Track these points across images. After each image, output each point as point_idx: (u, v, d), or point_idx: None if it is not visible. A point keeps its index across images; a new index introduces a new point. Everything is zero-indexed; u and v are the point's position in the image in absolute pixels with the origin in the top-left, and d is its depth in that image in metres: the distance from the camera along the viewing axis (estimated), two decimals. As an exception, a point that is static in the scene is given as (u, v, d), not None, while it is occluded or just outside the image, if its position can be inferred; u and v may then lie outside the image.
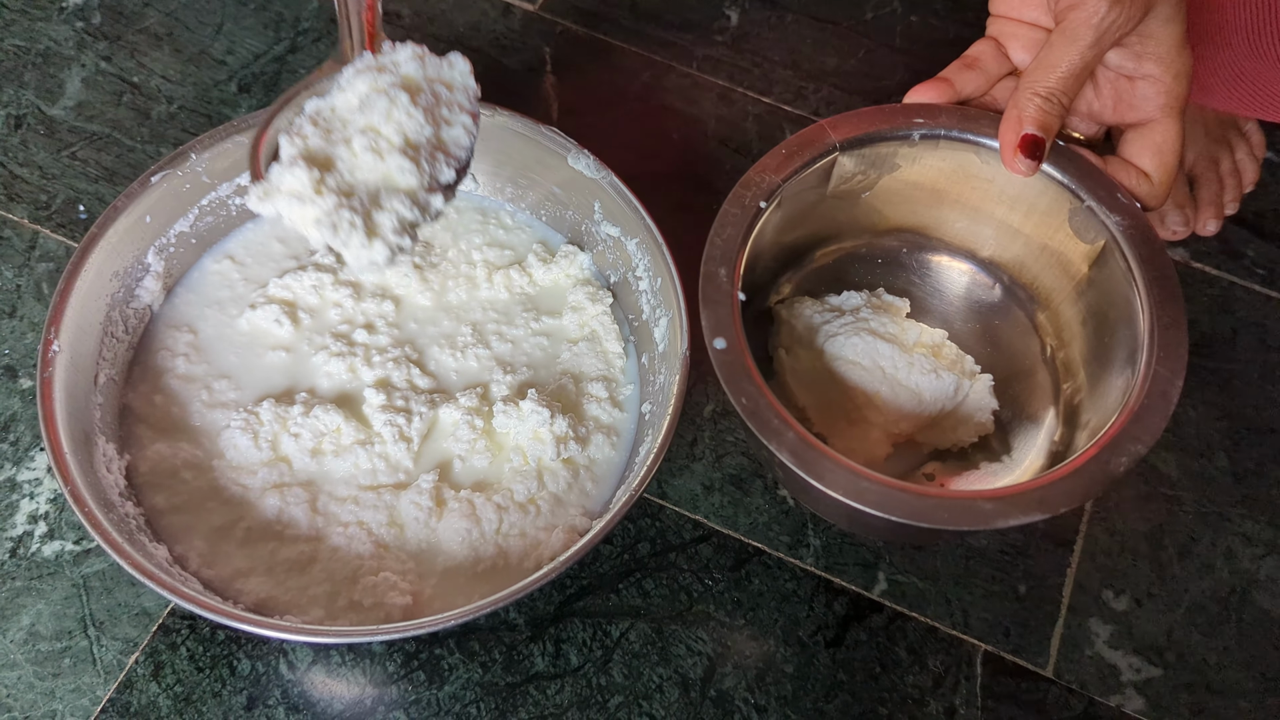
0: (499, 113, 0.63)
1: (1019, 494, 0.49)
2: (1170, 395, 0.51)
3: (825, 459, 0.49)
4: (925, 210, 0.64)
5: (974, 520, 0.48)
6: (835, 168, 0.59)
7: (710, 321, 0.52)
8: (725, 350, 0.51)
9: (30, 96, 0.74)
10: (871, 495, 0.48)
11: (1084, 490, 0.49)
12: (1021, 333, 0.64)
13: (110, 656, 0.55)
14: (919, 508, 0.48)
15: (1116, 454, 0.50)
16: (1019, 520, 0.48)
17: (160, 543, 0.54)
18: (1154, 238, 0.55)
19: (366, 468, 0.57)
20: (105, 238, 0.57)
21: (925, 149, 0.59)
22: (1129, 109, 0.56)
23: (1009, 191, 0.60)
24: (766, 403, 0.50)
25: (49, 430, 0.51)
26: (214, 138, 0.60)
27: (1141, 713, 0.58)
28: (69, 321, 0.54)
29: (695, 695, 0.57)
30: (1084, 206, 0.57)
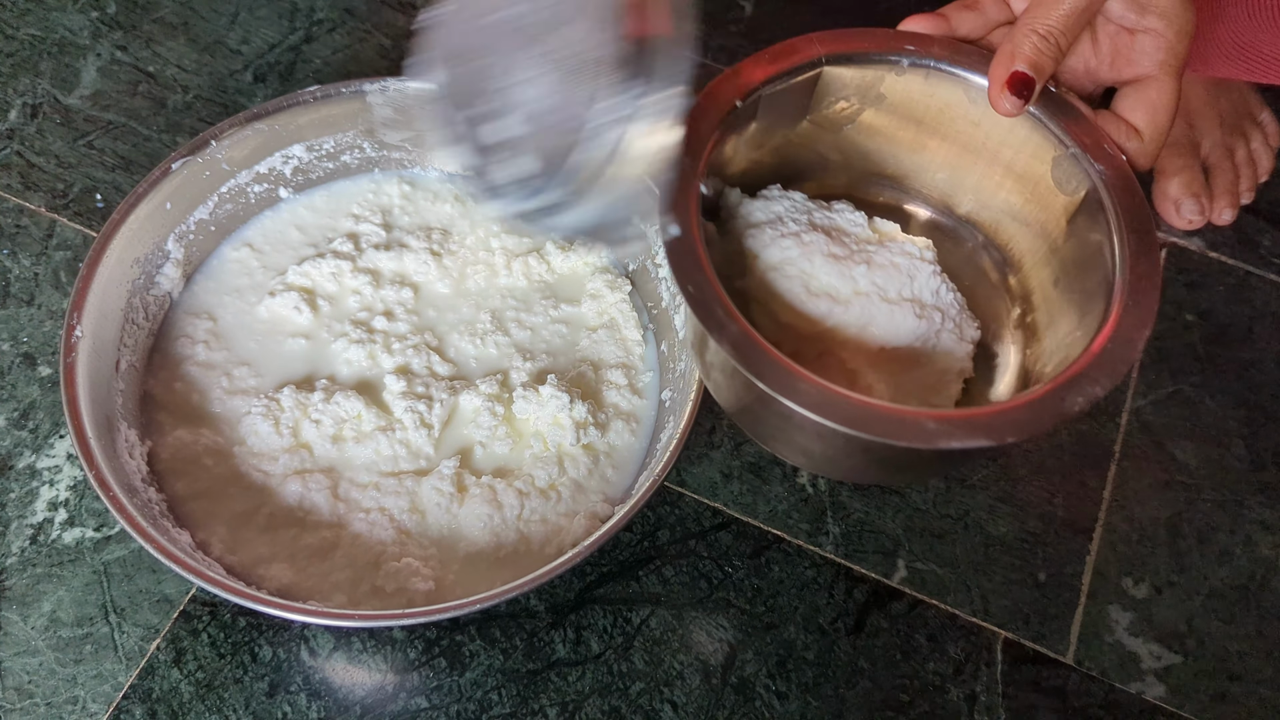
0: None
1: (967, 418, 0.47)
2: (1135, 342, 0.49)
3: (766, 355, 0.47)
4: (907, 156, 0.62)
5: (915, 437, 0.45)
6: (818, 87, 0.57)
7: (667, 209, 0.50)
8: (679, 238, 0.49)
9: (46, 86, 0.74)
10: (810, 397, 0.46)
11: (1033, 422, 0.47)
12: (992, 295, 0.62)
13: (132, 643, 0.55)
14: (857, 415, 0.46)
15: (1073, 393, 0.48)
16: (962, 443, 0.46)
17: (183, 529, 0.54)
18: (1136, 190, 0.54)
19: (388, 454, 0.57)
20: (126, 224, 0.57)
21: (913, 79, 0.57)
22: (1126, 64, 0.55)
23: (994, 136, 0.59)
24: (714, 293, 0.48)
25: (72, 416, 0.51)
26: (233, 124, 0.60)
27: (1162, 700, 0.58)
28: (91, 308, 0.54)
29: (716, 682, 0.57)
30: (1068, 154, 0.55)
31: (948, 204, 0.64)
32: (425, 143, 0.66)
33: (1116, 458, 0.65)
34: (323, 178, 0.66)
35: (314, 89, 0.61)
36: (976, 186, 0.62)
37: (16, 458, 0.60)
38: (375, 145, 0.66)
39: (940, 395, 0.57)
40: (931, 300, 0.57)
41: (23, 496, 0.59)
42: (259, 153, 0.62)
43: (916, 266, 0.57)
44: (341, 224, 0.65)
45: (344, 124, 0.64)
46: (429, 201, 0.67)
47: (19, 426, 0.61)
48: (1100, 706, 0.57)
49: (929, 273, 0.57)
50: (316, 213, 0.66)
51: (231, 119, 0.60)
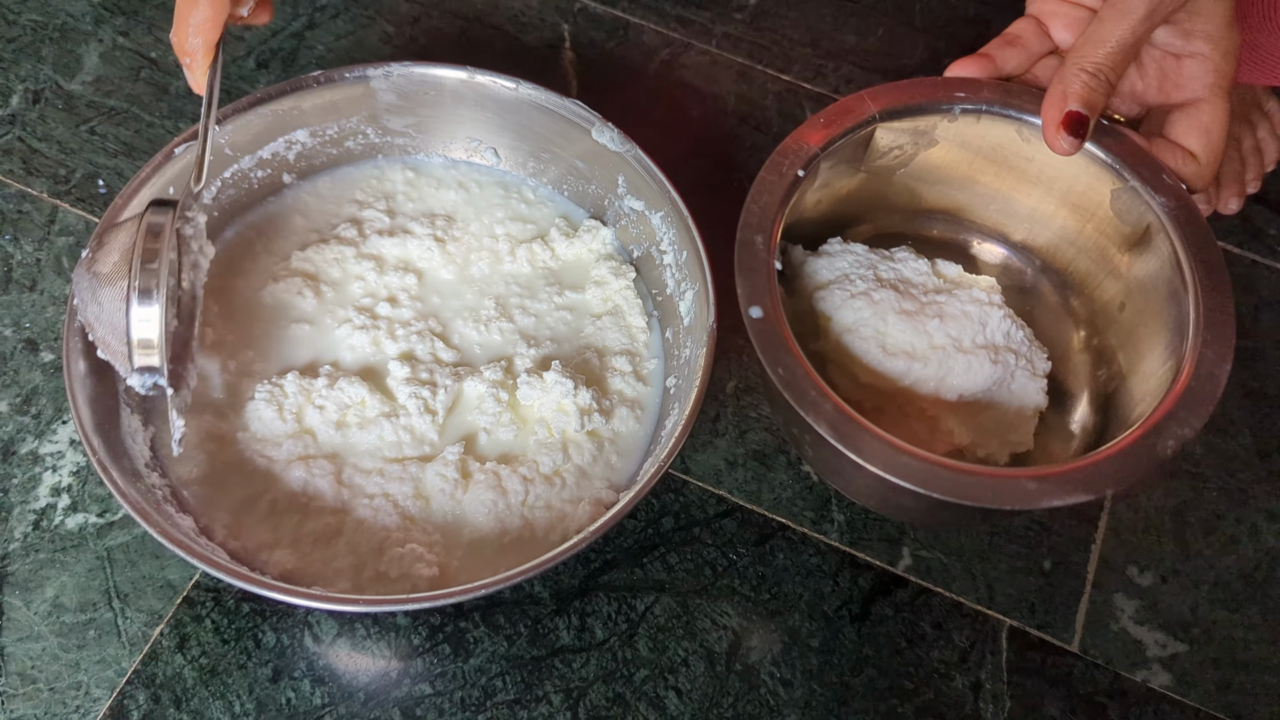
0: (522, 85, 0.62)
1: (1064, 474, 0.48)
2: (1218, 379, 0.50)
3: (864, 432, 0.48)
4: (959, 191, 0.63)
5: (1018, 499, 0.47)
6: (873, 140, 0.58)
7: (746, 290, 0.51)
8: (762, 319, 0.50)
9: (48, 71, 0.73)
10: (912, 471, 0.47)
11: (1129, 472, 0.48)
12: (1055, 318, 0.63)
13: (135, 629, 0.55)
14: (961, 485, 0.47)
15: (1163, 437, 0.49)
16: (1063, 501, 0.47)
17: (186, 514, 0.54)
18: (1201, 221, 0.54)
19: (391, 440, 0.57)
20: (129, 209, 0.56)
21: (965, 124, 0.58)
22: (1175, 88, 0.55)
23: (1048, 171, 0.59)
24: (804, 373, 0.49)
25: (75, 401, 0.51)
26: (236, 109, 0.60)
27: (1168, 688, 0.58)
28: None
29: (721, 669, 0.57)
30: (1128, 187, 0.56)
31: (1002, 232, 0.65)
32: (429, 128, 0.66)
33: (1122, 446, 0.65)
34: (326, 163, 0.65)
35: (317, 74, 0.61)
36: (1031, 214, 0.62)
37: (19, 443, 0.60)
38: (379, 131, 0.65)
39: (1018, 432, 0.58)
40: (1003, 342, 0.58)
41: (25, 482, 0.59)
42: (262, 138, 0.62)
43: (987, 313, 0.58)
44: (345, 210, 0.65)
45: (348, 109, 0.63)
46: (433, 188, 0.66)
47: (21, 412, 0.61)
48: (1105, 694, 0.57)
49: (999, 317, 0.58)
50: (320, 198, 0.65)
51: (235, 103, 0.60)
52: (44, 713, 0.53)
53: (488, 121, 0.65)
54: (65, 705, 0.53)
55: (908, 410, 0.57)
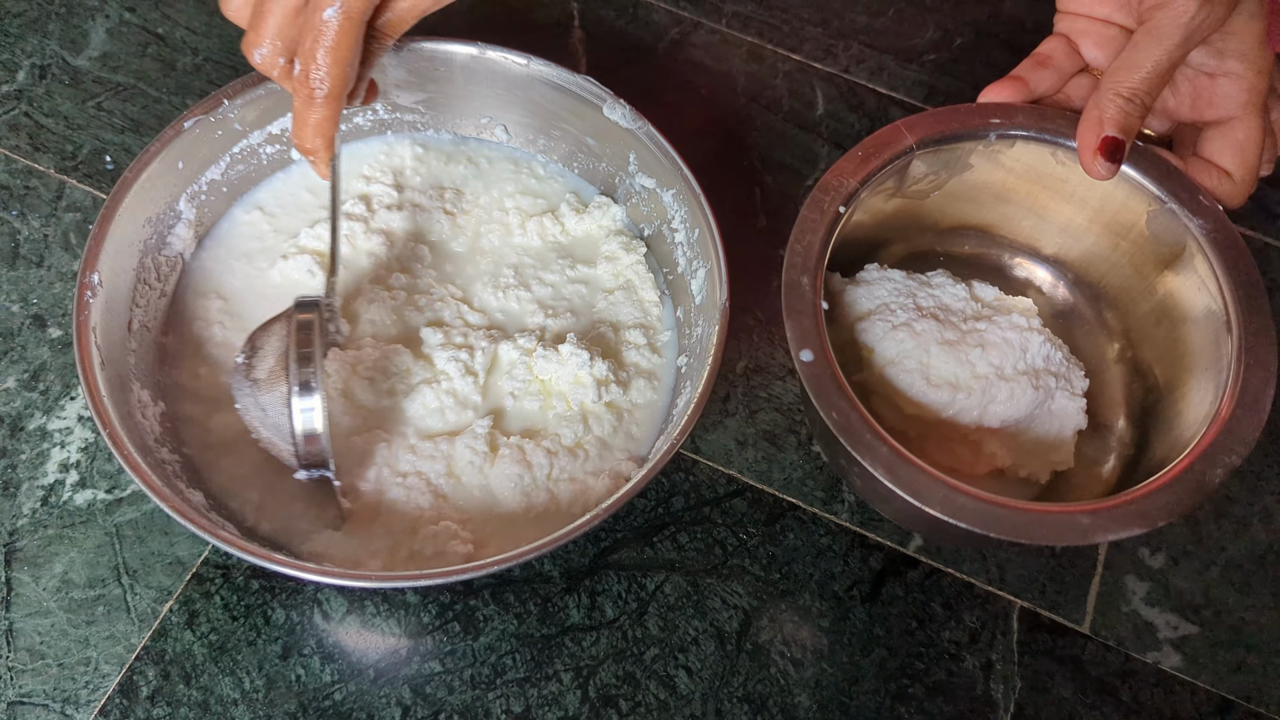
0: (533, 62, 0.62)
1: (1117, 507, 0.48)
2: (1263, 403, 0.50)
3: (921, 474, 0.48)
4: (991, 209, 0.63)
5: (1074, 536, 0.47)
6: (909, 169, 0.58)
7: (795, 332, 0.51)
8: (812, 363, 0.50)
9: (54, 46, 0.73)
10: (969, 512, 0.47)
11: (1182, 503, 0.48)
12: (1089, 331, 0.63)
13: (144, 605, 0.55)
14: (1018, 524, 0.47)
15: (1211, 465, 0.49)
16: (1118, 535, 0.47)
17: (196, 489, 0.54)
18: (1239, 243, 0.54)
19: (434, 406, 0.57)
20: (139, 183, 0.56)
21: (1000, 149, 0.58)
22: (1208, 107, 0.55)
23: (1081, 191, 0.59)
24: (858, 416, 0.49)
25: (86, 374, 0.51)
26: (246, 84, 0.59)
27: (1178, 669, 0.57)
28: (103, 266, 0.54)
29: (731, 648, 0.56)
30: (1165, 209, 0.56)
31: (1034, 247, 0.64)
32: (438, 104, 0.65)
33: (1133, 428, 0.64)
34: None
35: None
36: (1063, 230, 0.62)
37: (27, 419, 0.59)
38: (388, 107, 0.65)
39: (1059, 451, 0.58)
40: (1043, 365, 0.58)
41: (33, 458, 0.58)
42: (271, 113, 0.61)
43: (1027, 339, 0.58)
44: (353, 185, 0.65)
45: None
46: (441, 163, 0.66)
47: (29, 388, 0.60)
48: (1116, 676, 0.57)
49: (1039, 341, 0.58)
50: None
51: (244, 79, 0.59)
52: (53, 688, 0.53)
53: (498, 98, 0.65)
54: (74, 681, 0.53)
55: (951, 435, 0.57)
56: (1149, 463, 0.56)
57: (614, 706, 0.55)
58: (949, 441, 0.57)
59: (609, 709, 0.55)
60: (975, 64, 0.79)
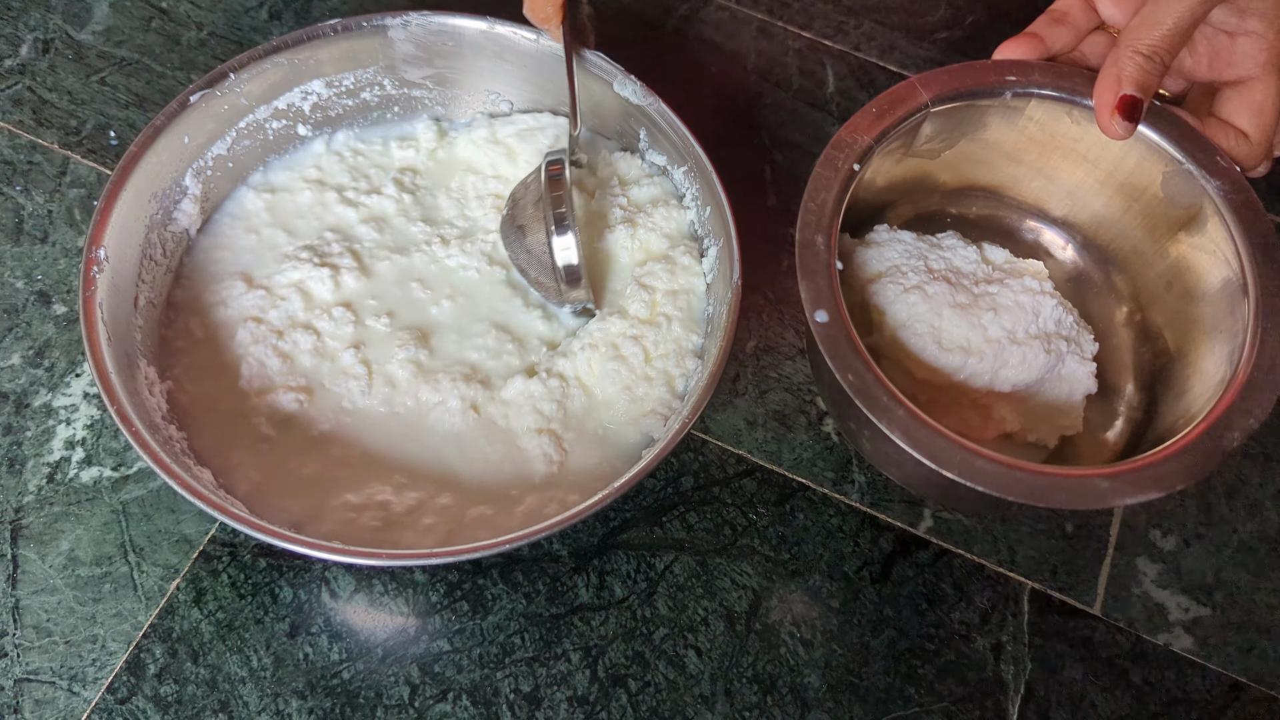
0: (543, 37, 0.61)
1: (1135, 471, 0.47)
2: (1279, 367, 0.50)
3: (939, 438, 0.48)
4: (1003, 167, 0.62)
5: (1092, 500, 0.47)
6: (922, 126, 0.57)
7: (810, 293, 0.50)
8: (828, 324, 0.50)
9: (58, 21, 0.72)
10: (987, 475, 0.47)
11: (1199, 467, 0.48)
12: (1097, 295, 0.62)
13: (151, 582, 0.55)
14: (1035, 487, 0.47)
15: (1228, 429, 0.48)
16: (1136, 499, 0.47)
17: (205, 466, 0.53)
18: (1257, 205, 0.53)
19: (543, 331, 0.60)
20: (145, 158, 0.56)
21: (1015, 107, 0.57)
22: (1227, 66, 0.54)
23: (1095, 151, 0.58)
24: (874, 378, 0.48)
25: (92, 350, 0.50)
26: (252, 58, 0.59)
27: (1189, 651, 0.57)
28: (109, 242, 0.53)
29: (741, 628, 0.56)
30: (1181, 169, 0.55)
31: (1043, 208, 0.64)
32: (447, 80, 0.65)
33: (1145, 409, 0.64)
34: (342, 115, 0.64)
35: (334, 22, 0.60)
36: (1073, 191, 0.61)
37: (32, 396, 0.59)
38: (396, 83, 0.64)
39: (1068, 416, 0.58)
40: (1055, 329, 0.57)
41: (39, 435, 0.58)
42: (278, 88, 0.61)
43: (1040, 302, 0.57)
44: (397, 156, 0.65)
45: (365, 59, 0.62)
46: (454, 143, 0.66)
47: (34, 365, 0.60)
48: (1127, 657, 0.57)
49: (1052, 305, 0.58)
50: (339, 156, 0.65)
51: (250, 51, 0.59)
52: (60, 665, 0.53)
53: (507, 74, 0.64)
54: (81, 658, 0.53)
55: (960, 400, 0.57)
56: (1158, 429, 0.56)
57: (623, 686, 0.54)
58: (958, 406, 0.57)
59: (618, 688, 0.54)
60: (987, 41, 0.77)
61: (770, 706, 0.55)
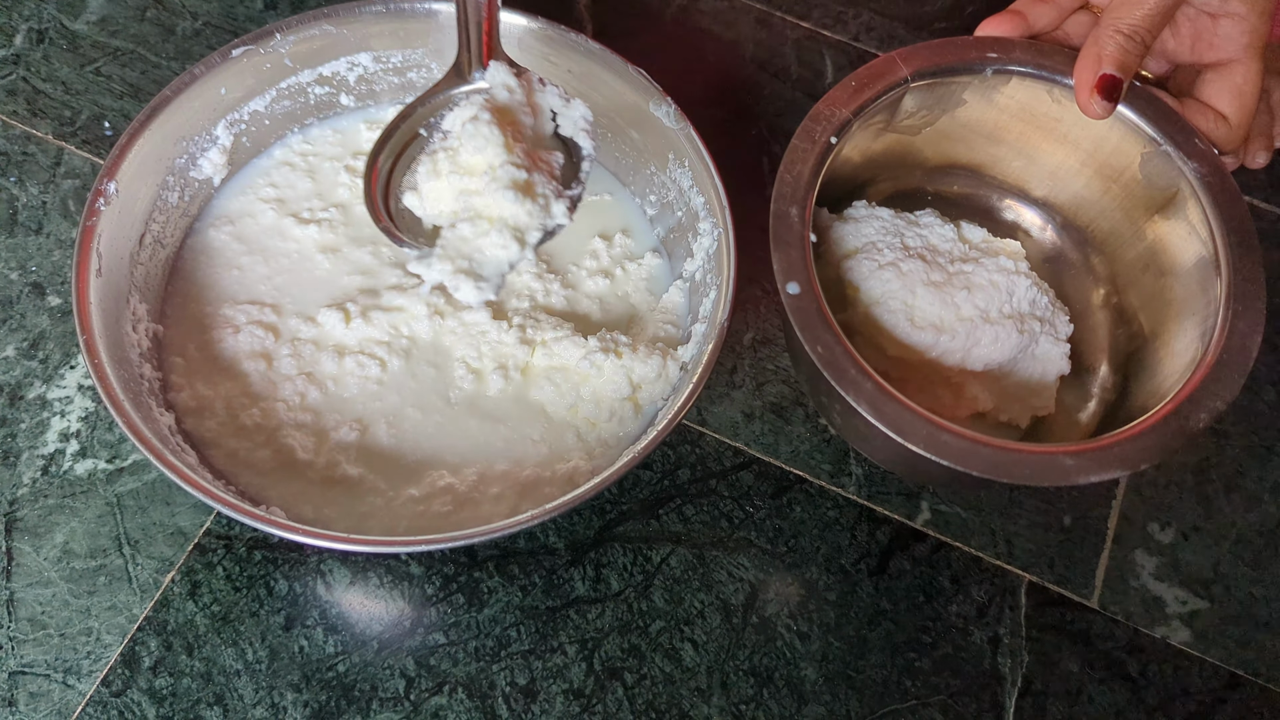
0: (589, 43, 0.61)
1: (1100, 449, 0.47)
2: (1249, 350, 0.49)
3: (905, 411, 0.47)
4: (983, 147, 0.62)
5: (1056, 476, 0.47)
6: (902, 102, 0.57)
7: (782, 265, 0.50)
8: (799, 295, 0.49)
9: (52, 10, 0.72)
10: (952, 449, 0.47)
11: (1164, 446, 0.48)
12: (1075, 276, 0.62)
13: (146, 575, 0.55)
14: (1000, 462, 0.47)
15: (1195, 409, 0.48)
16: (1101, 476, 0.47)
17: (206, 466, 0.53)
18: (1232, 187, 0.53)
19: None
20: (176, 101, 0.56)
21: (996, 84, 0.57)
22: (1208, 48, 0.54)
23: (1075, 131, 0.58)
24: (843, 351, 0.48)
25: (88, 342, 0.50)
26: (302, 21, 0.59)
27: (1187, 645, 0.57)
28: (124, 176, 0.54)
29: (737, 621, 0.56)
30: (1159, 150, 0.55)
31: (1023, 189, 0.63)
32: None
33: (1144, 402, 0.64)
34: (386, 91, 0.65)
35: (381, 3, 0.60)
36: (1054, 172, 0.61)
37: (26, 388, 0.59)
38: (444, 67, 0.64)
39: (1040, 397, 0.58)
40: (1029, 310, 0.57)
41: (33, 427, 0.58)
42: (324, 54, 0.61)
43: (1014, 282, 0.57)
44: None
45: (414, 41, 0.62)
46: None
47: (29, 357, 0.60)
48: (1124, 650, 0.57)
49: (1026, 285, 0.57)
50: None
51: (301, 15, 0.59)
52: (54, 658, 0.53)
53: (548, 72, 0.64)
54: (76, 651, 0.53)
55: (933, 378, 0.57)
56: (1129, 410, 0.56)
57: (619, 679, 0.54)
58: (930, 384, 0.56)
59: (614, 681, 0.54)
60: (987, 32, 0.77)
61: (767, 699, 0.54)
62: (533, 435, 0.56)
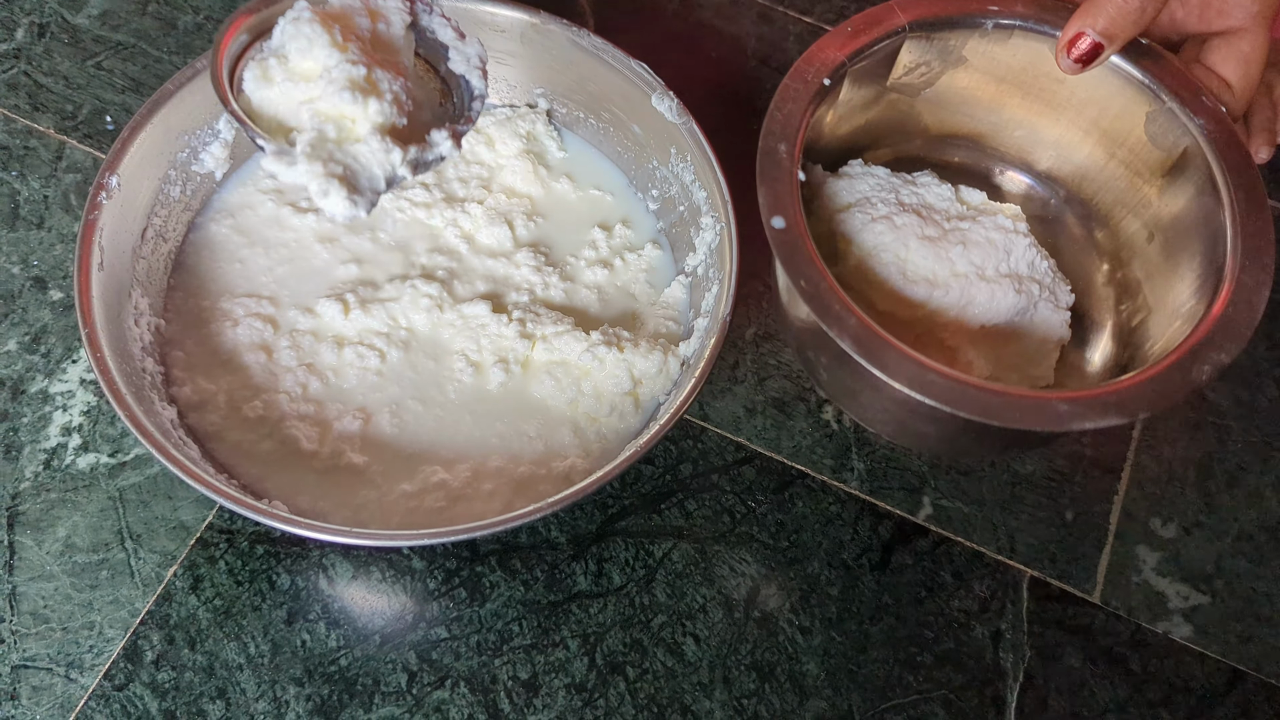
0: (591, 37, 0.61)
1: (1096, 397, 0.46)
2: (1256, 305, 0.48)
3: (890, 348, 0.46)
4: (983, 117, 0.61)
5: (1049, 421, 0.45)
6: (899, 55, 0.56)
7: (768, 199, 0.49)
8: (784, 230, 0.48)
9: (54, 4, 0.71)
10: (939, 389, 0.45)
11: (1164, 396, 0.46)
12: (1079, 250, 0.61)
13: (148, 569, 0.55)
14: (989, 404, 0.45)
15: (1199, 361, 0.47)
16: (1095, 423, 0.45)
17: (209, 461, 0.53)
18: (1240, 144, 0.52)
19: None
20: (179, 95, 0.57)
21: (996, 40, 0.56)
22: (1217, 15, 0.53)
23: (1079, 95, 0.57)
24: (827, 286, 0.47)
25: (91, 335, 0.50)
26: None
27: (1189, 640, 0.57)
28: (125, 170, 0.55)
29: (739, 615, 0.56)
30: (1164, 108, 0.54)
31: (1026, 160, 0.62)
32: None
33: (1146, 397, 0.64)
34: None
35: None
36: (1057, 142, 0.60)
37: (28, 382, 0.59)
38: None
39: (1039, 366, 0.57)
40: (1027, 272, 0.56)
41: (35, 421, 0.58)
42: None
43: (1012, 241, 0.56)
44: None
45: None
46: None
47: (30, 351, 0.60)
48: (1126, 645, 0.57)
49: (1025, 245, 0.56)
50: None
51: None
52: (57, 652, 0.53)
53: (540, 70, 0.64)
54: (79, 645, 0.53)
55: (927, 340, 0.56)
56: None
57: (621, 673, 0.54)
58: (924, 347, 0.55)
59: (616, 675, 0.54)
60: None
61: (768, 694, 0.54)
62: (529, 431, 0.56)
